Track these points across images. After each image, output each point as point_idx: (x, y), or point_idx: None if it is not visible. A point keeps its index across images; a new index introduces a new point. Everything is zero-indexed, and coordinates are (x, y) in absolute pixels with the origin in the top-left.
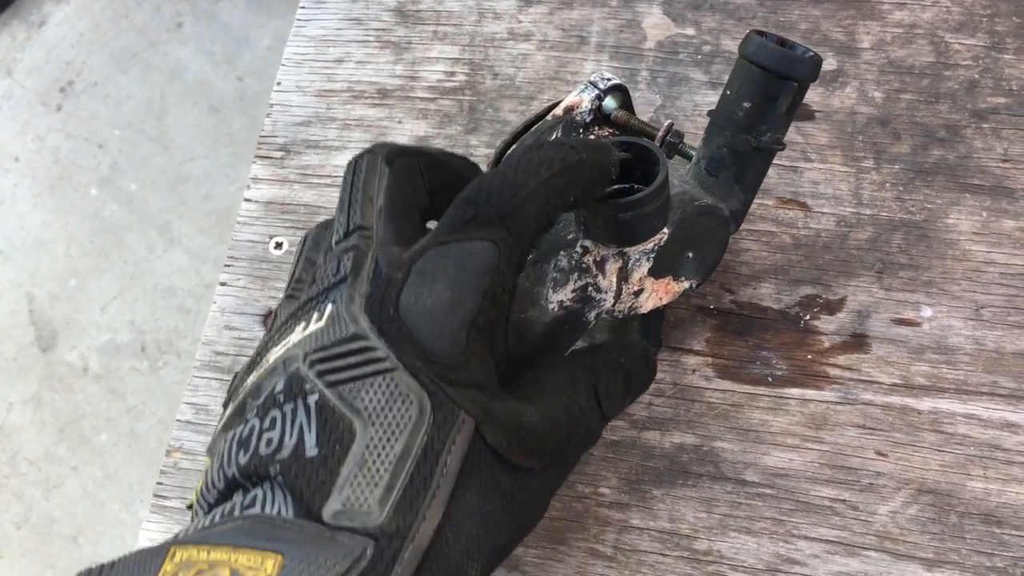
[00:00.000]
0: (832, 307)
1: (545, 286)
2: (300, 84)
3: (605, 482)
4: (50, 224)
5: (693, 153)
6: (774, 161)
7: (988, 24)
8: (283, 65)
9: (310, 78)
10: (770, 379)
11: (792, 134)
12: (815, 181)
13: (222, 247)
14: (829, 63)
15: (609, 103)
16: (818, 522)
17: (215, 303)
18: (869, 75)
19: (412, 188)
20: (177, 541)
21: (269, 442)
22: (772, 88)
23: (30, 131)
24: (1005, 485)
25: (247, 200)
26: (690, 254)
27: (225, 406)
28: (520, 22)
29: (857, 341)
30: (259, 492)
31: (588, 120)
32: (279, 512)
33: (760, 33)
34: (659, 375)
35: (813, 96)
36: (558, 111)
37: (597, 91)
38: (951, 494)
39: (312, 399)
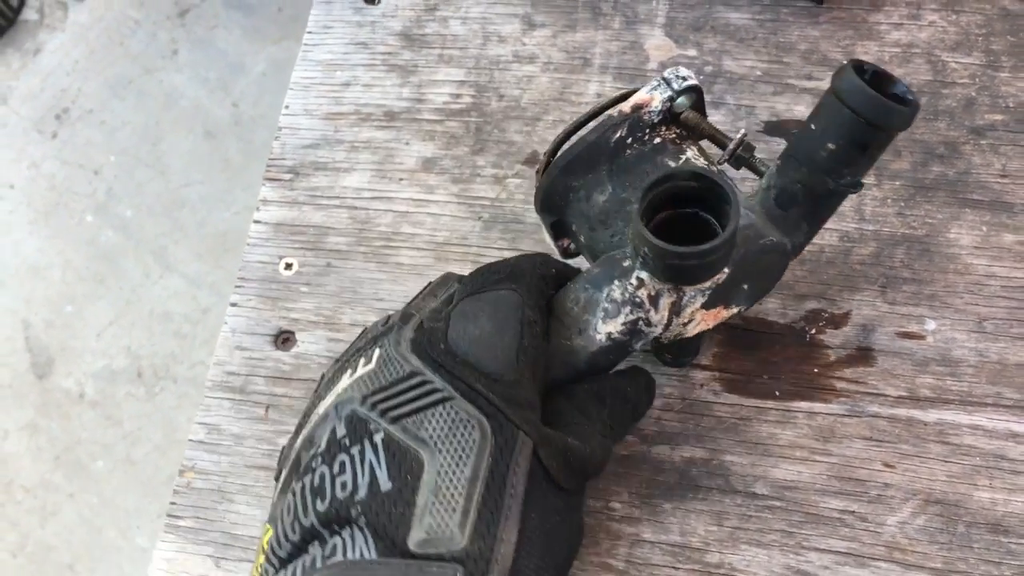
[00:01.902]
0: (837, 321)
1: (595, 316)
2: (308, 107)
3: (616, 497)
4: (46, 251)
5: (763, 169)
6: None
7: (984, 43)
8: (291, 89)
9: (318, 101)
10: (777, 393)
11: None
12: None
13: (219, 272)
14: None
15: (681, 102)
16: (828, 534)
17: (226, 323)
18: None
19: None
20: None
21: (344, 485)
22: (862, 135)
23: (25, 158)
24: (1011, 494)
25: (256, 222)
26: (746, 286)
27: (277, 478)
28: (524, 45)
29: (863, 354)
30: (338, 540)
31: (656, 120)
32: (362, 555)
33: (859, 65)
34: (668, 390)
35: None
36: (625, 107)
37: (670, 91)
38: (958, 504)
39: (378, 436)
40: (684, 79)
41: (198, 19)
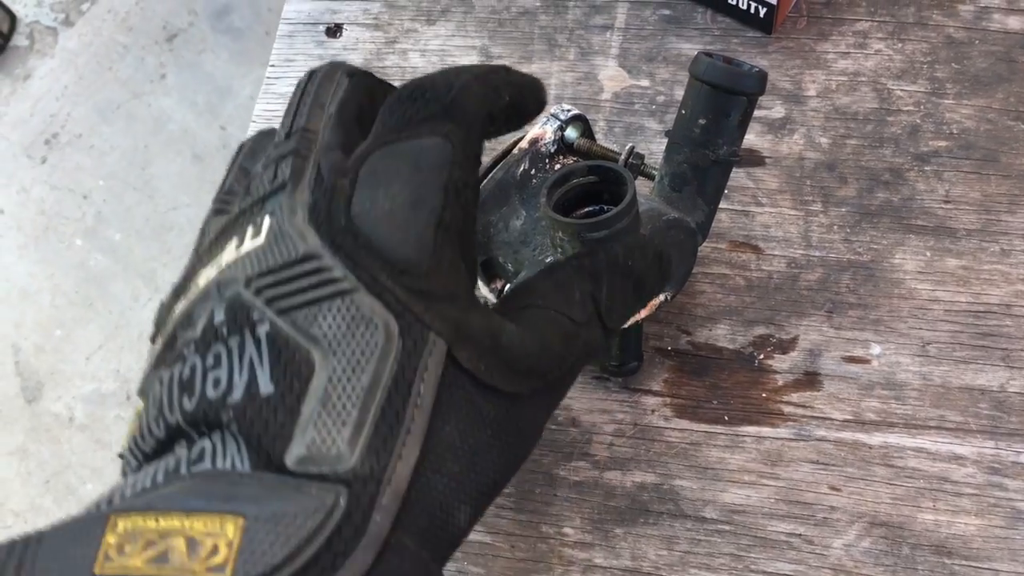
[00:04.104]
0: (785, 346)
1: None
2: None
3: (569, 522)
4: (35, 275)
5: (655, 173)
6: (727, 206)
7: (928, 71)
8: (253, 122)
9: None
10: (726, 418)
11: (743, 179)
12: (766, 224)
13: None
14: (777, 111)
15: (571, 133)
16: (775, 557)
17: None
18: (816, 122)
19: (371, 105)
20: (116, 508)
21: (216, 383)
22: (724, 104)
23: (15, 183)
24: (954, 516)
25: None
26: None
27: (153, 340)
28: None
29: (809, 379)
30: (207, 444)
31: (553, 151)
32: (233, 465)
33: (707, 55)
34: (620, 416)
35: (763, 143)
36: (523, 144)
37: (559, 122)
38: (903, 526)
39: (262, 329)
40: (569, 111)
41: (186, 43)
